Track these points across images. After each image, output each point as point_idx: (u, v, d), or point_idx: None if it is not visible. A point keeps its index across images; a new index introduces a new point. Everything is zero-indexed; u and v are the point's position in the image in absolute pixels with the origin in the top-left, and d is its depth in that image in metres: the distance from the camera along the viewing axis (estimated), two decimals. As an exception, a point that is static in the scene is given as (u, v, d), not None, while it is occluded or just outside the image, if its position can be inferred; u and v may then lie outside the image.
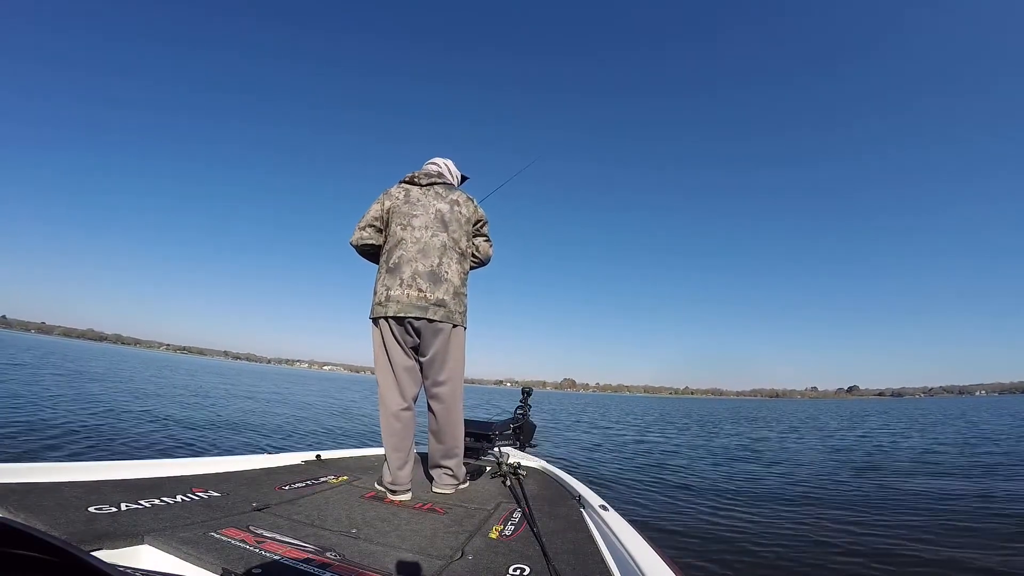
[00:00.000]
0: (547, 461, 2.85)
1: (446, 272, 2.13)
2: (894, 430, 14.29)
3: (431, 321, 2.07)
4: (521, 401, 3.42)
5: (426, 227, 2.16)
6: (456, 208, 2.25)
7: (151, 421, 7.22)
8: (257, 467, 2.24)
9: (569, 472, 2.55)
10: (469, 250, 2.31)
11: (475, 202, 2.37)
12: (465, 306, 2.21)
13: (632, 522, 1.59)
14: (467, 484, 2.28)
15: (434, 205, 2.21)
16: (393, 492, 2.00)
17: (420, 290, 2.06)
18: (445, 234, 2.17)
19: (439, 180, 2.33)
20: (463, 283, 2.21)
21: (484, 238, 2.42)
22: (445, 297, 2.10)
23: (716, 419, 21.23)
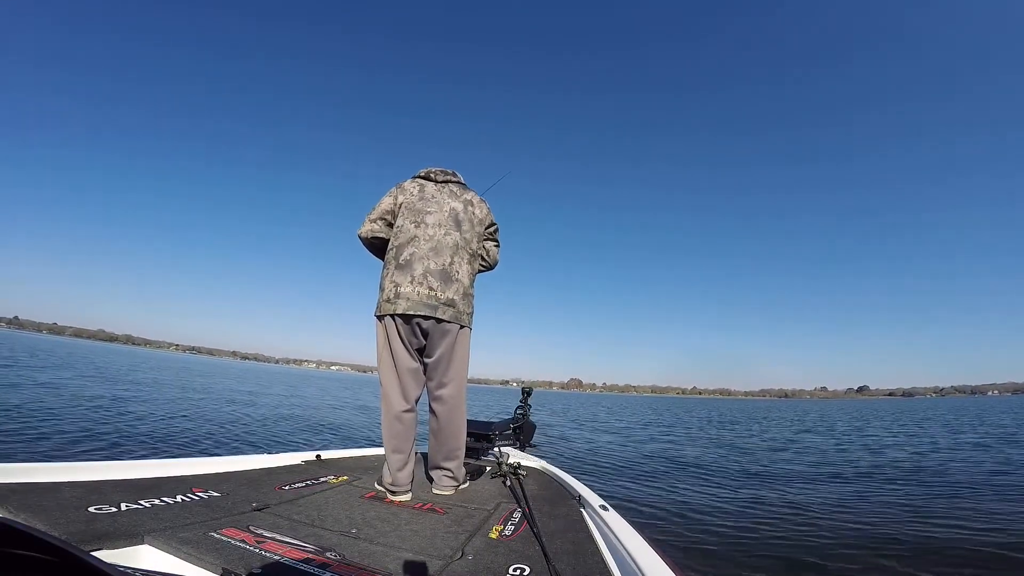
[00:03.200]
0: (547, 461, 2.86)
1: (457, 272, 2.12)
2: (907, 431, 14.21)
3: (439, 321, 2.06)
4: (521, 401, 3.43)
5: (439, 225, 2.15)
6: (470, 208, 2.26)
7: (167, 422, 7.29)
8: (257, 467, 2.26)
9: (570, 472, 2.56)
10: (479, 252, 2.31)
11: (488, 205, 2.38)
12: (473, 307, 2.21)
13: (632, 522, 1.60)
14: (467, 485, 2.30)
15: (448, 203, 2.21)
16: (393, 493, 2.01)
17: (431, 288, 2.05)
18: (458, 233, 2.17)
19: (454, 178, 2.34)
20: (472, 284, 2.22)
21: (494, 242, 2.42)
22: (455, 297, 2.09)
23: (726, 419, 21.14)
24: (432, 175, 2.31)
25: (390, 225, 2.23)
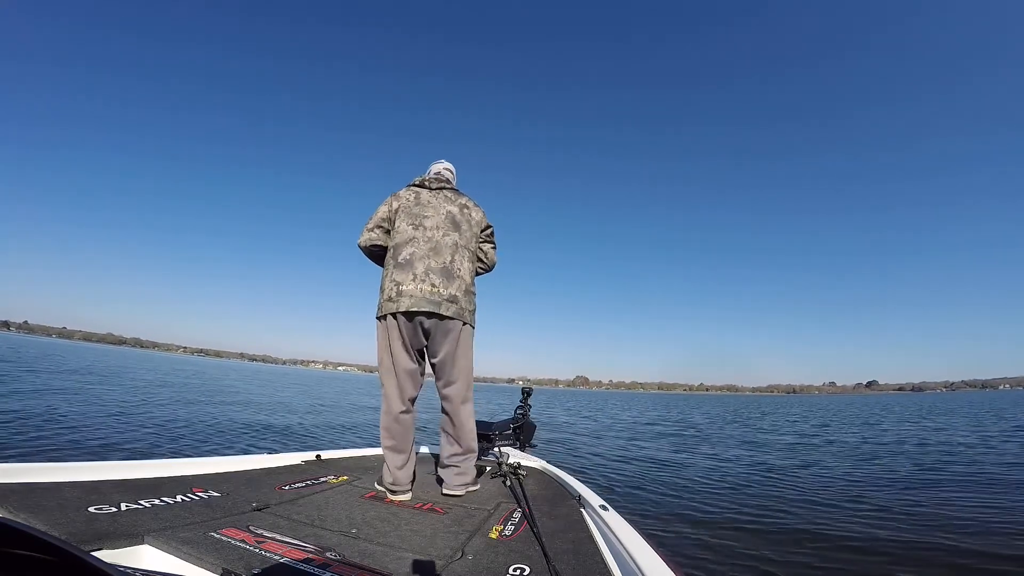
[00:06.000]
0: (547, 461, 2.88)
1: (459, 269, 2.18)
2: (921, 425, 14.17)
3: (442, 319, 2.10)
4: (521, 401, 3.43)
5: (437, 227, 2.23)
6: (466, 211, 2.34)
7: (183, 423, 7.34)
8: (257, 467, 2.28)
9: (573, 471, 2.58)
10: (477, 253, 2.40)
11: (483, 210, 2.45)
12: (475, 306, 2.27)
13: (632, 522, 1.61)
14: (478, 487, 2.29)
15: (445, 207, 2.30)
16: (393, 492, 2.04)
17: (433, 285, 2.10)
18: (456, 234, 2.24)
19: (448, 185, 2.43)
20: (473, 283, 2.29)
21: (491, 244, 2.49)
22: (457, 293, 2.14)
23: (738, 416, 20.99)
24: (427, 183, 2.39)
25: (388, 232, 2.30)
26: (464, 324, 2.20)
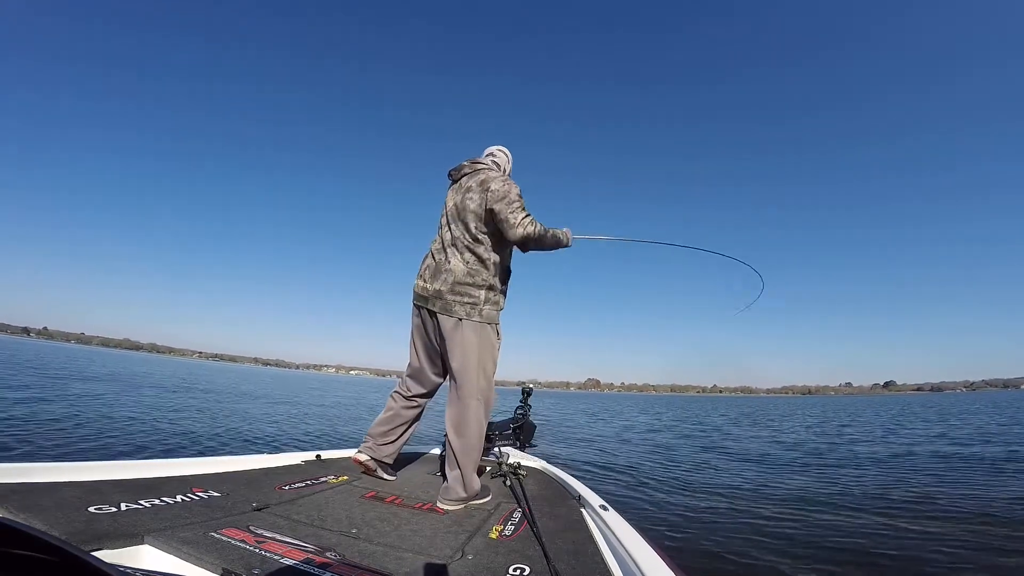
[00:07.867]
0: (547, 461, 2.91)
1: (447, 264, 2.19)
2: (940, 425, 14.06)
3: (432, 314, 2.19)
4: (521, 401, 3.43)
5: (443, 225, 2.33)
6: (468, 196, 2.22)
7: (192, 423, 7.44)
8: (257, 467, 2.31)
9: (573, 471, 2.60)
10: (484, 239, 2.20)
11: (494, 184, 2.20)
12: (474, 297, 2.14)
13: (632, 522, 1.63)
14: (482, 501, 2.07)
15: (452, 199, 2.31)
16: (358, 450, 2.38)
17: (424, 280, 2.24)
18: (452, 226, 2.26)
19: (469, 170, 2.35)
20: (470, 274, 2.16)
21: (508, 223, 2.16)
22: (441, 288, 2.15)
23: (756, 420, 20.82)
24: (452, 174, 2.42)
25: None
26: (459, 320, 2.11)
